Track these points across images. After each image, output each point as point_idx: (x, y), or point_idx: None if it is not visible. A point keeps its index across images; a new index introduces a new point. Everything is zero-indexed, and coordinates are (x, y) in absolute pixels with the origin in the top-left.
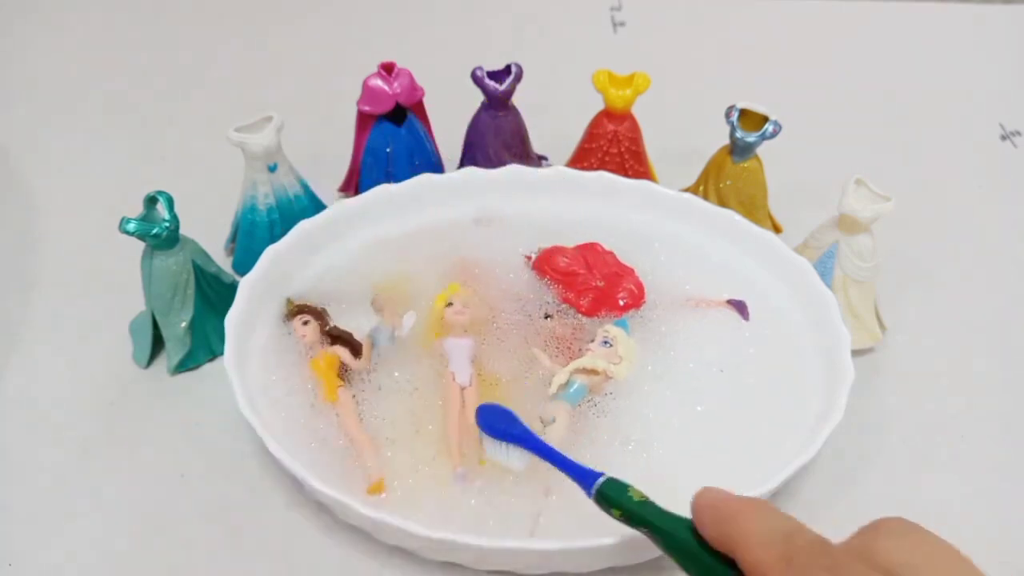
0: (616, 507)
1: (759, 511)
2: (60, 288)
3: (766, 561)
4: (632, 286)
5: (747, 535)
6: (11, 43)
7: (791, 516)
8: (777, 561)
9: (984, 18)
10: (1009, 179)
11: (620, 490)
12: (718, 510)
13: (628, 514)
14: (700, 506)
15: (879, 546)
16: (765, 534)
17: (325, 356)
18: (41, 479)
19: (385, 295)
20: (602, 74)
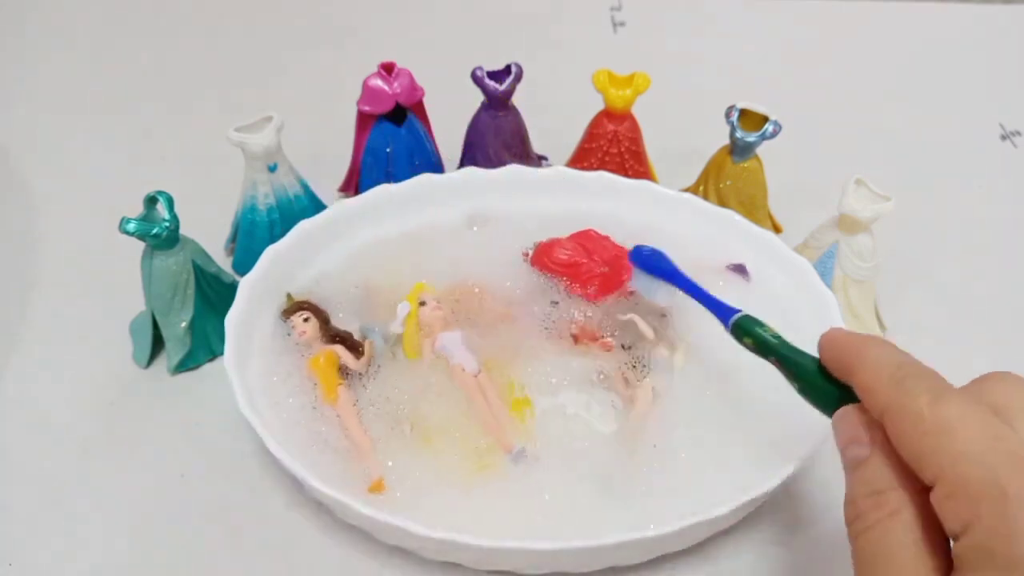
0: (749, 336)
1: (876, 343)
2: (60, 288)
3: (878, 382)
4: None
5: (864, 360)
6: (11, 43)
7: (906, 352)
8: (887, 382)
9: (984, 18)
10: (1009, 179)
11: (755, 323)
12: (840, 340)
13: (759, 343)
14: (825, 339)
15: (986, 387)
16: (880, 359)
17: (325, 354)
18: (41, 479)
19: (378, 296)
20: (602, 74)
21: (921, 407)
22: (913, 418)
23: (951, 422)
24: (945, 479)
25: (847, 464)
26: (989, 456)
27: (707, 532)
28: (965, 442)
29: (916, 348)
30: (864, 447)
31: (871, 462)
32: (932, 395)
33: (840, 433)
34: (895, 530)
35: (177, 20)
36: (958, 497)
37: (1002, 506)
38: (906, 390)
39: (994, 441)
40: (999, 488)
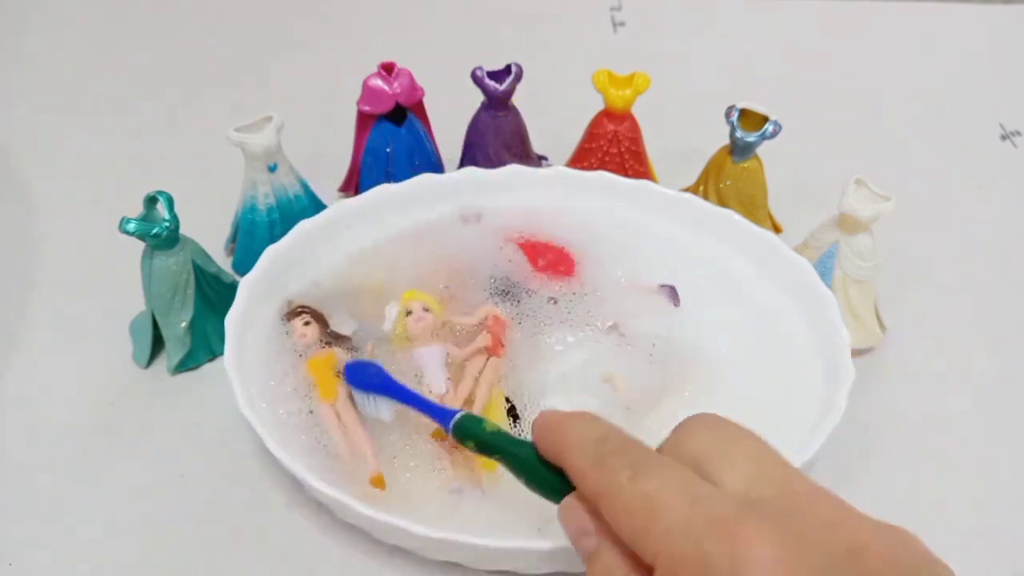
0: (471, 438)
1: (579, 420)
2: (60, 288)
3: (583, 463)
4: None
5: (568, 443)
6: (11, 43)
7: (611, 423)
8: (591, 463)
9: (984, 18)
10: (1009, 179)
11: (476, 423)
12: (548, 425)
13: (481, 443)
14: (536, 424)
15: (683, 439)
16: (582, 440)
17: (326, 355)
18: (41, 479)
19: (370, 297)
20: (602, 74)
21: (623, 488)
22: (618, 500)
23: (652, 498)
24: (660, 560)
25: (582, 556)
26: (692, 527)
27: None
28: (667, 516)
29: (916, 348)
30: (591, 538)
31: (601, 552)
32: (632, 470)
33: (567, 526)
34: None
35: (177, 20)
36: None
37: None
38: (608, 469)
39: (692, 507)
40: (705, 562)
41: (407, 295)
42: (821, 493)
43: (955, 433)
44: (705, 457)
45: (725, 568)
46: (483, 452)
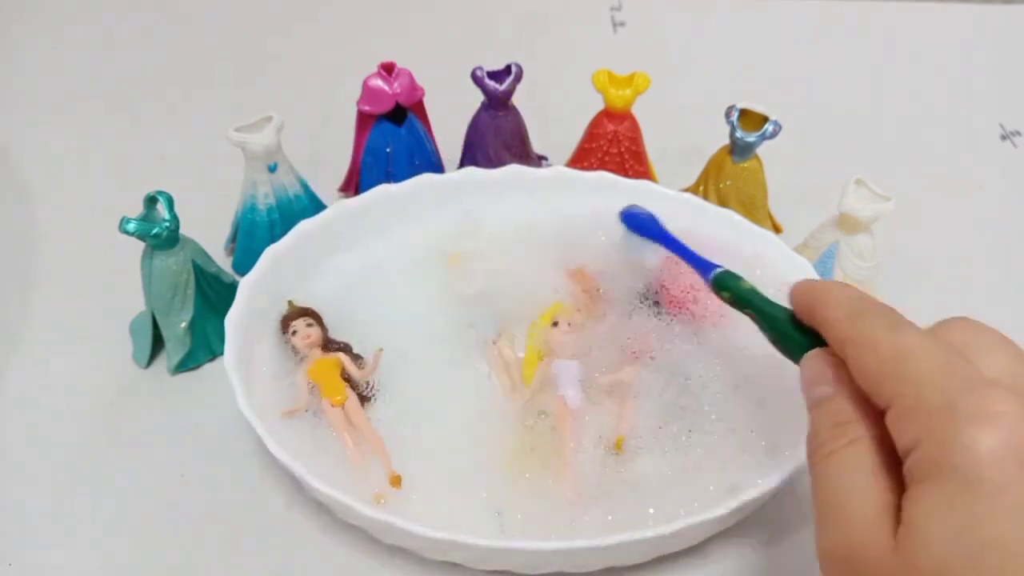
0: (728, 290)
1: (840, 285)
2: (60, 288)
3: (838, 316)
4: None
5: (826, 299)
6: (11, 43)
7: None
8: (847, 316)
9: (984, 18)
10: (1009, 179)
11: (734, 278)
12: (808, 286)
13: (737, 296)
14: (796, 287)
15: (944, 328)
16: (841, 297)
17: (332, 358)
18: (41, 479)
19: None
20: (602, 74)
21: (878, 336)
22: (870, 346)
23: (906, 349)
24: (899, 401)
25: (811, 403)
26: (940, 378)
27: (707, 532)
28: (919, 366)
29: None
30: (828, 385)
31: (834, 398)
32: (889, 325)
33: (806, 373)
34: (853, 455)
35: (177, 20)
36: (910, 416)
37: (950, 421)
38: (865, 322)
39: (946, 365)
40: (948, 405)
41: (556, 306)
42: None
43: None
44: (965, 345)
45: (970, 413)
46: (736, 305)
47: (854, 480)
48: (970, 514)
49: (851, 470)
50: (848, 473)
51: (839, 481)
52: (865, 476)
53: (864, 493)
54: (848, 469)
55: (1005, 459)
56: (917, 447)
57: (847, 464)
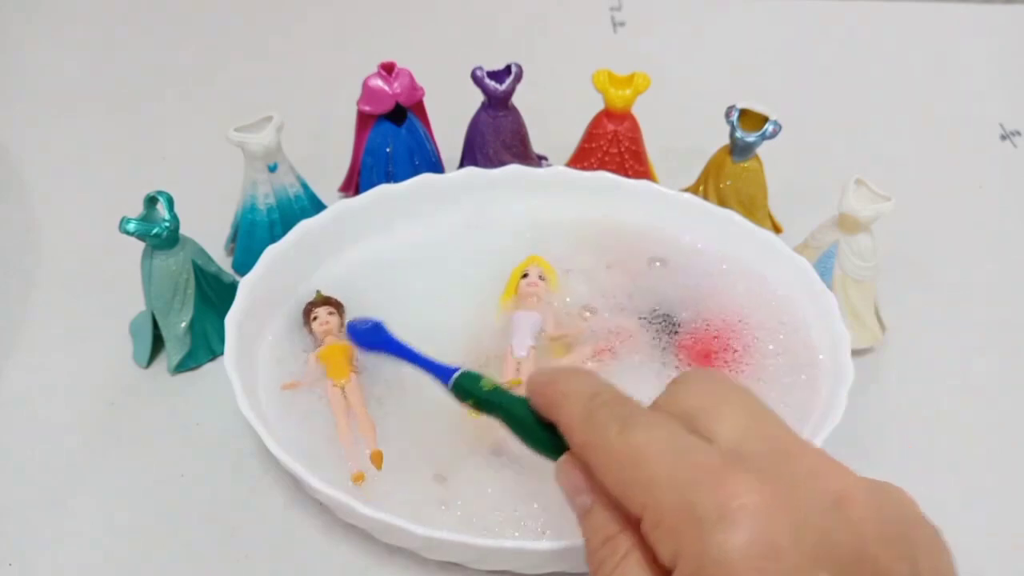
0: (470, 396)
1: (572, 376)
2: (60, 288)
3: (572, 419)
4: None
5: (560, 397)
6: (11, 43)
7: (604, 379)
8: (581, 418)
9: (984, 18)
10: (1009, 179)
11: (473, 380)
12: (542, 381)
13: (479, 401)
14: (530, 380)
15: (677, 393)
16: (573, 394)
17: (343, 344)
18: (41, 479)
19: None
20: (602, 74)
21: (610, 440)
22: (606, 452)
23: (639, 449)
24: (647, 510)
25: (577, 513)
26: (677, 476)
27: None
28: (655, 468)
29: (916, 348)
30: (585, 496)
31: (595, 508)
32: (620, 424)
33: (563, 483)
34: (631, 573)
35: (177, 20)
36: (661, 528)
37: (696, 530)
38: (597, 423)
39: (679, 458)
40: (689, 509)
41: (531, 258)
42: (811, 448)
43: (955, 433)
44: (697, 411)
45: (711, 516)
46: (482, 410)
47: None
48: None
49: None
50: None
51: None
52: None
53: None
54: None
55: (755, 556)
56: (677, 564)
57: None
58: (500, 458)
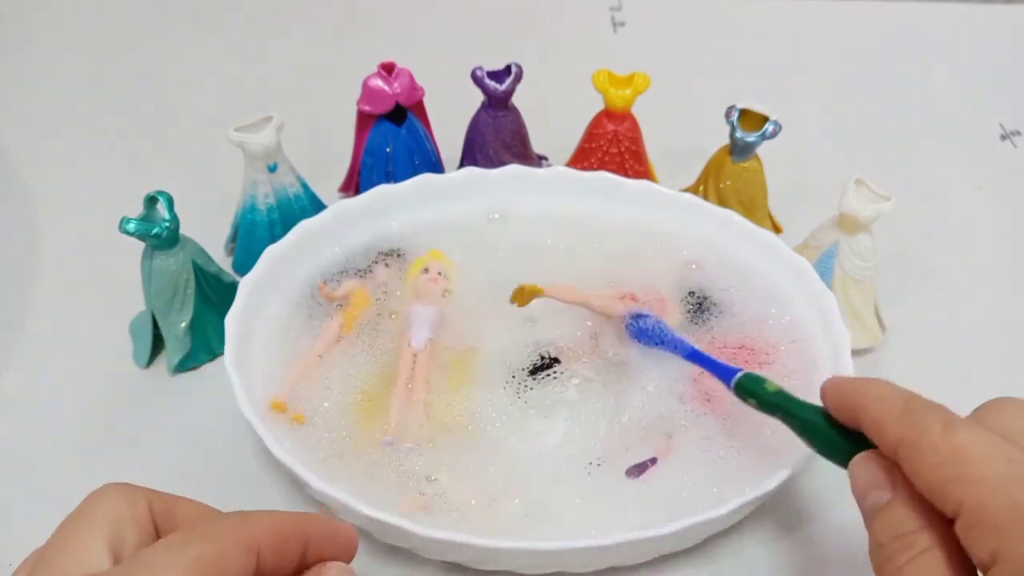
0: (752, 396)
1: (879, 382)
2: (60, 288)
3: (887, 417)
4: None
5: (869, 399)
6: (11, 43)
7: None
8: (897, 417)
9: (984, 18)
10: (1009, 179)
11: (757, 382)
12: (844, 385)
13: (763, 402)
14: (828, 385)
15: (990, 415)
16: (885, 396)
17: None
18: (41, 479)
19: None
20: (602, 74)
21: (934, 437)
22: (927, 449)
23: (965, 449)
24: (966, 508)
25: (867, 511)
26: (1007, 479)
27: (707, 532)
28: (982, 467)
29: (916, 348)
30: (885, 491)
31: (894, 504)
32: (943, 425)
33: (858, 480)
34: (925, 569)
35: (177, 20)
36: (982, 526)
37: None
38: (916, 422)
39: (1009, 464)
40: (1018, 511)
41: (432, 252)
42: None
43: None
44: (1014, 430)
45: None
46: (765, 410)
47: None
48: None
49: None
50: None
51: None
52: None
53: None
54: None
55: None
56: (996, 562)
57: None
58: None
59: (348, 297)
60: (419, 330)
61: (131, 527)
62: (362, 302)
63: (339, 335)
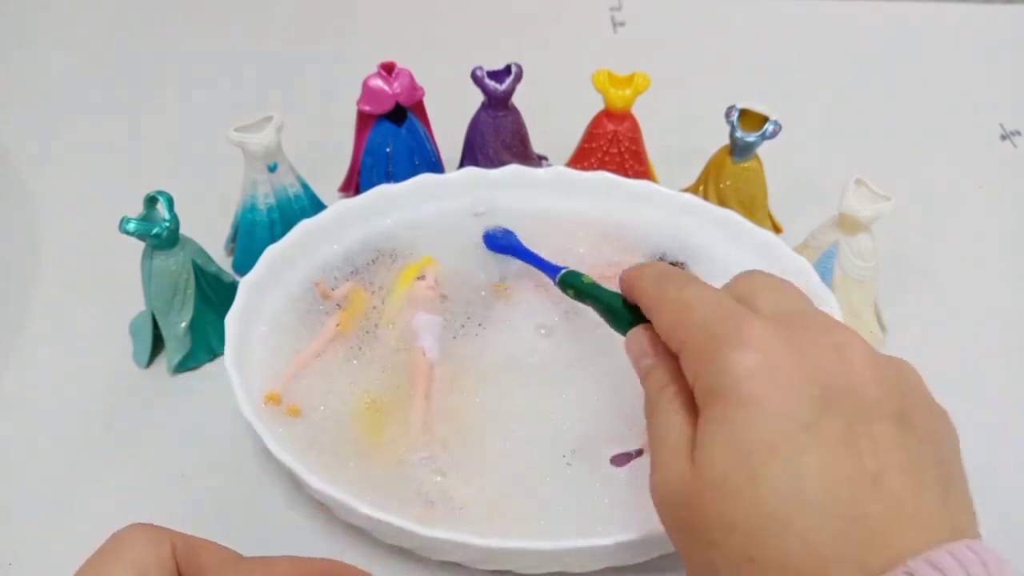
0: (571, 287)
1: (653, 264)
2: (60, 288)
3: (645, 287)
4: None
5: (639, 277)
6: (11, 43)
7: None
8: (651, 285)
9: (984, 18)
10: (1009, 179)
11: (576, 276)
12: (629, 272)
13: (578, 291)
14: (622, 275)
15: (735, 280)
16: (648, 271)
17: (365, 297)
18: (41, 479)
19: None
20: (602, 74)
21: (670, 294)
22: (665, 304)
23: (688, 300)
24: (684, 346)
25: (640, 372)
26: (711, 319)
27: None
28: (696, 313)
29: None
30: (649, 358)
31: (655, 369)
32: (679, 284)
33: (632, 347)
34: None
35: (177, 20)
36: (691, 356)
37: (715, 351)
38: (661, 285)
39: (717, 308)
40: (713, 338)
41: (426, 259)
42: (832, 319)
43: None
44: (746, 292)
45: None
46: (580, 299)
47: (671, 429)
48: (737, 424)
49: (669, 420)
50: (667, 424)
51: (662, 431)
52: (679, 422)
53: (678, 436)
54: (667, 420)
55: (760, 375)
56: (697, 380)
57: (666, 417)
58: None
59: (347, 297)
60: (430, 340)
61: (156, 569)
62: (360, 302)
63: (336, 333)
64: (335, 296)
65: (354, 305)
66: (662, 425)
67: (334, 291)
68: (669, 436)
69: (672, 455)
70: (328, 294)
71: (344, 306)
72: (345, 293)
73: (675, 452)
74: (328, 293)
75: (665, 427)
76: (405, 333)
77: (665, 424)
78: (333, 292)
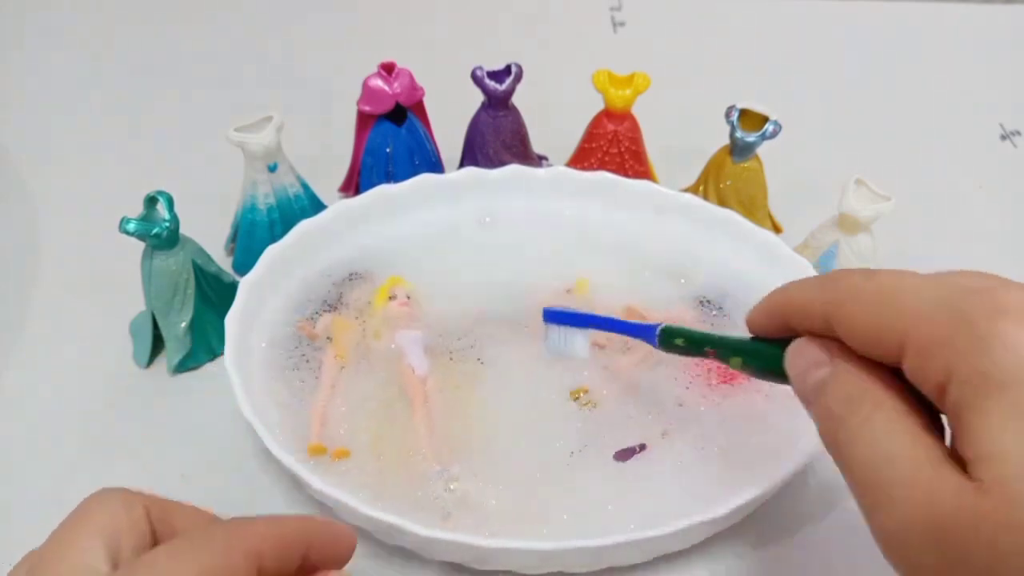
0: (679, 337)
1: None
2: (60, 288)
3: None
4: None
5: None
6: (11, 43)
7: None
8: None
9: (984, 18)
10: (1009, 179)
11: (680, 328)
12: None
13: (690, 339)
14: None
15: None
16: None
17: (351, 323)
18: (41, 479)
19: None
20: (602, 74)
21: (859, 288)
22: (857, 301)
23: (892, 284)
24: (911, 337)
25: (810, 393)
26: (942, 296)
27: (707, 532)
28: (915, 293)
29: None
30: (824, 365)
31: (836, 374)
32: (862, 275)
33: (795, 365)
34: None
35: (177, 20)
36: (929, 348)
37: (972, 332)
38: (838, 280)
39: (937, 285)
40: (963, 317)
41: (391, 280)
42: None
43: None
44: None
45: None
46: (693, 348)
47: (893, 445)
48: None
49: (886, 437)
50: (884, 441)
51: (876, 453)
52: (904, 436)
53: (912, 452)
54: (882, 437)
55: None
56: (952, 375)
57: (879, 433)
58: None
59: (329, 328)
60: (417, 356)
61: (129, 532)
62: (344, 329)
63: (337, 364)
64: (319, 332)
65: (340, 335)
66: (888, 448)
67: (316, 327)
68: (912, 461)
69: (931, 483)
70: (313, 334)
71: (332, 339)
72: (327, 325)
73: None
74: (312, 333)
75: (886, 444)
76: (393, 353)
77: (892, 448)
78: (316, 330)
